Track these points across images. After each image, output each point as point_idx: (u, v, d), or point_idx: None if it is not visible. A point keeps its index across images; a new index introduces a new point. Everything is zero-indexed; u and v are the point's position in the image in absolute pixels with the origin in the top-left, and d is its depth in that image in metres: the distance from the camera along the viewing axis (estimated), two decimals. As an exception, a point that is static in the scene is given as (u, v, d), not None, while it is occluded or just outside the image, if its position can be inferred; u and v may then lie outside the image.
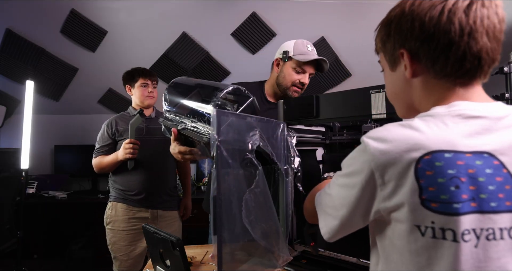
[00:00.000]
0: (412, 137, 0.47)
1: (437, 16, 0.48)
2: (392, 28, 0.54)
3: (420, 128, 0.48)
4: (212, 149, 0.79)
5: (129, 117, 1.76)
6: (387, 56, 0.58)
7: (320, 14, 2.29)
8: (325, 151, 1.57)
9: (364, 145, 0.51)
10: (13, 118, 3.07)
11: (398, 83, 0.58)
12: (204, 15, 2.28)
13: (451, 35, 0.47)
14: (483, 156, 0.46)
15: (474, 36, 0.47)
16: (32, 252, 2.74)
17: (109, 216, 1.68)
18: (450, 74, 0.51)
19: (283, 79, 1.41)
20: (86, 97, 2.97)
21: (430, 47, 0.50)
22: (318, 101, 1.17)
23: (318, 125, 1.47)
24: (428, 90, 0.54)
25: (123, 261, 1.63)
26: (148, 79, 1.77)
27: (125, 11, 2.21)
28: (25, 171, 2.20)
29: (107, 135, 1.72)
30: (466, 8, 0.47)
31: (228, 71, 2.75)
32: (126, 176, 1.69)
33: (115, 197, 1.71)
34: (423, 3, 0.50)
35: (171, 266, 0.96)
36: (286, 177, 1.16)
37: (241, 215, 0.88)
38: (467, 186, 0.45)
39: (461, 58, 0.48)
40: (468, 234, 0.45)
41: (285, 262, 1.08)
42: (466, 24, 0.47)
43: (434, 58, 0.50)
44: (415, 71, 0.53)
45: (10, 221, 2.40)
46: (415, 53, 0.52)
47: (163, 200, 1.73)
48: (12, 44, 2.39)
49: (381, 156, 0.48)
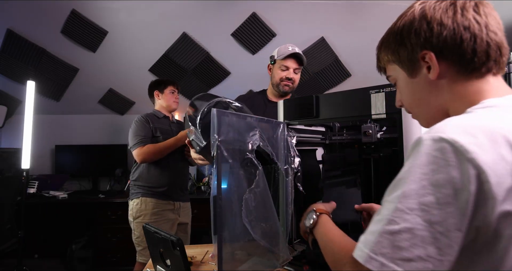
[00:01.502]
0: (495, 126, 0.42)
1: (452, 15, 0.50)
2: (405, 35, 0.54)
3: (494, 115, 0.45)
4: (212, 149, 0.80)
5: (159, 119, 1.99)
6: (403, 64, 0.56)
7: (320, 14, 2.29)
8: (325, 151, 1.57)
9: (452, 144, 0.40)
10: (14, 118, 3.08)
11: (422, 88, 0.55)
12: (204, 15, 2.28)
13: (472, 29, 0.49)
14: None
15: (490, 29, 0.49)
16: (33, 251, 2.75)
17: (139, 210, 1.84)
18: (478, 68, 0.50)
19: (274, 79, 1.64)
20: (86, 98, 2.97)
21: (455, 42, 0.49)
22: (318, 101, 1.17)
23: (318, 125, 1.47)
24: (457, 89, 0.52)
25: None
26: (176, 87, 2.07)
27: (125, 11, 2.22)
28: (26, 171, 2.21)
29: (149, 127, 1.90)
30: (475, 6, 0.50)
31: (228, 72, 2.76)
32: (155, 172, 1.90)
33: (143, 193, 1.87)
34: (434, 6, 0.51)
35: (171, 266, 0.97)
36: (286, 177, 1.16)
37: (241, 214, 0.88)
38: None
39: (486, 49, 0.49)
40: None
41: (285, 262, 1.09)
42: (480, 19, 0.49)
43: (460, 53, 0.50)
44: (442, 72, 0.51)
45: (11, 221, 2.41)
46: (440, 52, 0.51)
47: (183, 194, 2.00)
48: (13, 45, 2.40)
49: (482, 152, 0.39)
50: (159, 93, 2.05)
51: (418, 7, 0.54)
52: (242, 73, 2.77)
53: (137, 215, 1.84)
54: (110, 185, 3.11)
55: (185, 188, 2.06)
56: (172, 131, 1.98)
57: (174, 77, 2.78)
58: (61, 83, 2.77)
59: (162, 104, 2.05)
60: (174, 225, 1.93)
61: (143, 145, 1.84)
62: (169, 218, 1.89)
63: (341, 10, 2.25)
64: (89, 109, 3.11)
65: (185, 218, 2.01)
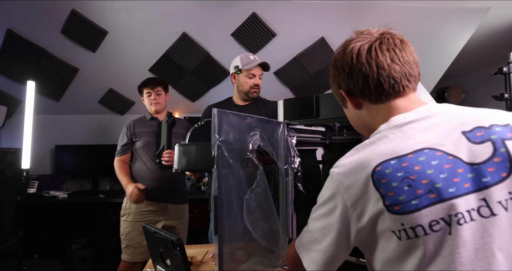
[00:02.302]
0: (364, 156, 0.57)
1: (349, 61, 0.63)
2: (330, 76, 0.70)
3: (369, 147, 0.58)
4: (213, 149, 0.80)
5: (145, 121, 2.01)
6: (336, 97, 0.72)
7: (320, 14, 2.29)
8: (325, 151, 1.57)
9: (331, 174, 0.61)
10: (14, 118, 3.08)
11: (353, 116, 0.71)
12: (204, 15, 2.28)
13: (363, 70, 0.61)
14: (423, 152, 0.53)
15: (380, 65, 0.60)
16: (33, 251, 2.75)
17: (124, 209, 1.91)
18: (378, 97, 0.62)
19: (242, 87, 1.75)
20: (86, 98, 2.97)
21: (354, 83, 0.63)
22: (318, 101, 1.17)
23: (318, 125, 1.47)
24: (373, 114, 0.65)
25: (136, 248, 1.83)
26: (150, 89, 1.98)
27: (125, 11, 2.22)
28: (26, 171, 2.21)
29: (128, 135, 1.97)
30: (368, 49, 0.61)
31: (228, 72, 2.76)
32: (139, 173, 1.92)
33: None
34: (342, 53, 0.65)
35: (171, 266, 0.97)
36: (286, 176, 1.17)
37: (242, 214, 0.88)
38: (419, 182, 0.51)
39: (377, 84, 0.61)
40: (437, 224, 0.49)
41: (285, 262, 1.09)
42: (371, 60, 0.61)
43: (361, 90, 0.63)
44: (357, 104, 0.67)
45: (11, 221, 2.41)
46: (348, 90, 0.66)
47: (173, 195, 1.95)
48: (13, 45, 2.40)
49: (344, 179, 0.57)
50: (142, 97, 2.06)
51: (335, 54, 0.68)
52: (242, 73, 2.77)
53: (123, 213, 1.91)
54: (110, 185, 3.11)
55: (175, 189, 1.98)
56: (154, 134, 1.95)
57: (174, 77, 2.78)
58: (61, 83, 2.77)
59: (146, 107, 2.05)
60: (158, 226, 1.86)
61: (119, 156, 1.97)
62: (152, 219, 1.88)
63: (341, 10, 2.25)
64: (89, 109, 3.11)
65: (172, 221, 1.94)
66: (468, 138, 0.53)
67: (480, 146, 0.51)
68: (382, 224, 0.53)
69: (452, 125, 0.55)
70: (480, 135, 0.52)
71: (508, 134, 0.52)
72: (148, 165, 1.91)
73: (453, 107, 0.59)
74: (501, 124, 0.53)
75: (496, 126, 0.53)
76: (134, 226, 1.85)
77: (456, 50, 2.55)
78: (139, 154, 1.95)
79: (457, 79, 3.54)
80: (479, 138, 0.52)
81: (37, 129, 2.52)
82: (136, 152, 1.97)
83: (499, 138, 0.51)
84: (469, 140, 0.52)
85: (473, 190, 0.49)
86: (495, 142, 0.51)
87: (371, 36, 0.63)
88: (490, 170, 0.50)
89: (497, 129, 0.53)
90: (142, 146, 1.93)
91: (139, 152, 1.94)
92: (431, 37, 2.44)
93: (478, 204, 0.49)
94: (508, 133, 0.52)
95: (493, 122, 0.53)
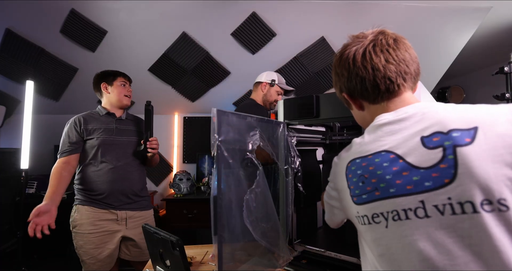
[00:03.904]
0: (348, 152, 0.68)
1: (347, 66, 0.67)
2: (333, 81, 0.75)
3: (354, 145, 0.67)
4: (213, 148, 0.79)
5: (98, 117, 1.73)
6: (341, 100, 0.76)
7: (320, 14, 2.29)
8: (325, 150, 1.57)
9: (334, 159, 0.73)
10: (13, 118, 3.07)
11: (358, 116, 0.76)
12: (204, 15, 2.27)
13: (360, 74, 0.65)
14: (381, 154, 0.60)
15: (376, 67, 0.64)
16: (32, 252, 2.74)
17: (75, 220, 1.63)
18: (376, 98, 0.67)
19: (270, 97, 2.07)
20: (86, 97, 2.96)
21: (353, 86, 0.68)
22: (318, 101, 1.16)
23: (318, 125, 1.47)
24: (372, 114, 0.69)
25: (91, 264, 1.58)
26: (125, 79, 1.81)
27: (125, 11, 2.21)
28: (25, 171, 2.20)
29: (77, 132, 1.67)
30: (362, 53, 0.65)
31: (228, 71, 2.75)
32: (91, 177, 1.64)
33: (80, 199, 1.66)
34: (339, 59, 0.70)
35: (171, 266, 0.96)
36: (286, 177, 1.16)
37: (241, 214, 0.88)
38: (370, 180, 0.59)
39: (374, 85, 0.65)
40: (377, 217, 0.58)
41: (285, 262, 1.08)
42: (367, 64, 0.64)
43: (360, 92, 0.68)
44: (360, 105, 0.71)
45: (10, 221, 2.40)
46: (350, 93, 0.70)
47: (131, 201, 1.69)
48: (12, 44, 2.39)
49: (335, 167, 0.71)
50: (107, 86, 1.76)
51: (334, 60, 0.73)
52: (242, 73, 2.76)
53: (74, 224, 1.62)
54: (110, 185, 3.10)
55: (138, 193, 1.72)
56: (113, 131, 1.69)
57: (173, 77, 2.77)
58: (60, 83, 2.76)
59: (111, 100, 1.76)
60: (116, 237, 1.61)
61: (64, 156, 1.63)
62: (109, 229, 1.61)
63: (341, 10, 2.25)
64: (89, 109, 3.09)
65: (135, 230, 1.66)
66: (423, 143, 0.56)
67: (431, 151, 0.55)
68: (349, 210, 0.65)
69: (416, 129, 0.58)
70: (435, 140, 0.55)
71: (465, 139, 0.52)
72: (103, 166, 1.63)
73: (431, 109, 0.60)
74: (463, 129, 0.54)
75: (455, 131, 0.54)
76: (87, 239, 1.58)
77: (457, 50, 2.55)
78: (91, 154, 1.65)
79: (458, 79, 3.54)
80: (433, 143, 0.55)
81: (36, 129, 2.51)
82: (86, 152, 1.66)
83: (452, 144, 0.53)
84: (424, 145, 0.56)
85: (414, 192, 0.54)
86: (446, 148, 0.53)
87: (365, 39, 0.67)
88: (434, 175, 0.53)
89: (454, 134, 0.54)
90: (97, 144, 1.64)
91: (91, 152, 1.65)
92: (432, 37, 2.43)
93: (416, 205, 0.54)
94: (466, 139, 0.52)
95: (455, 127, 0.54)
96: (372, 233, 0.59)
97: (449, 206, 0.51)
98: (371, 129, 0.65)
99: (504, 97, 1.53)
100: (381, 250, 0.58)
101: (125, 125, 1.77)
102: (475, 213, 0.50)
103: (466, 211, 0.50)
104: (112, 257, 1.63)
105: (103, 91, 1.78)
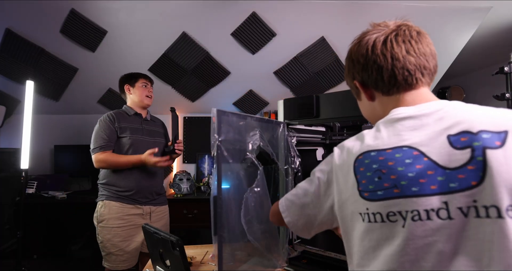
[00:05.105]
0: (355, 144, 0.62)
1: (365, 52, 0.65)
2: (346, 68, 0.72)
3: (363, 137, 0.62)
4: (213, 148, 0.79)
5: (129, 117, 1.84)
6: (351, 89, 0.74)
7: (320, 14, 2.29)
8: (325, 150, 1.57)
9: (334, 150, 0.67)
10: (13, 118, 3.07)
11: (366, 107, 0.73)
12: (204, 15, 2.27)
13: (378, 62, 0.63)
14: (402, 149, 0.56)
15: (395, 57, 0.62)
16: (32, 252, 2.74)
17: (101, 214, 1.73)
18: (391, 88, 0.64)
19: None
20: (86, 97, 2.96)
21: (368, 74, 0.65)
22: (318, 101, 1.16)
23: (318, 125, 1.47)
24: (384, 106, 0.67)
25: (119, 255, 1.70)
26: (147, 80, 1.92)
27: (125, 11, 2.21)
28: (25, 171, 2.20)
29: (113, 128, 1.75)
30: (383, 41, 0.63)
31: (228, 71, 2.75)
32: (121, 174, 1.74)
33: (107, 195, 1.75)
34: (357, 45, 0.67)
35: (171, 266, 0.96)
36: (286, 176, 1.16)
37: (241, 214, 0.87)
38: (388, 176, 0.56)
39: (391, 74, 0.62)
40: (394, 216, 0.55)
41: (285, 262, 1.08)
42: (387, 52, 0.62)
43: (375, 81, 0.65)
44: (370, 95, 0.69)
45: (10, 221, 2.40)
46: (362, 82, 0.68)
47: (154, 198, 1.84)
48: (12, 44, 2.39)
49: (338, 158, 0.64)
50: (130, 88, 1.88)
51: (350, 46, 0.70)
52: (242, 73, 2.76)
53: (101, 219, 1.72)
54: (110, 185, 3.10)
55: (159, 191, 1.88)
56: (143, 131, 1.82)
57: (173, 77, 2.77)
58: (60, 83, 2.76)
59: (134, 100, 1.88)
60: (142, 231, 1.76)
61: (103, 150, 1.71)
62: (136, 223, 1.73)
63: (341, 10, 2.25)
64: (89, 109, 3.10)
65: (157, 223, 1.83)
66: (450, 142, 0.53)
67: (459, 152, 0.52)
68: (352, 205, 0.60)
69: (441, 127, 0.55)
70: (463, 141, 0.52)
71: (495, 142, 0.50)
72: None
73: (455, 107, 0.58)
74: (493, 131, 0.51)
75: (485, 133, 0.52)
76: (115, 233, 1.69)
77: (457, 50, 2.55)
78: (122, 152, 1.75)
79: (458, 79, 3.54)
80: (461, 143, 0.52)
81: (36, 129, 2.52)
82: (118, 149, 1.76)
83: (482, 146, 0.51)
84: (451, 144, 0.53)
85: (438, 192, 0.52)
86: (475, 149, 0.51)
87: (387, 28, 0.64)
88: (460, 176, 0.51)
89: (484, 136, 0.51)
90: (130, 143, 1.75)
91: (123, 150, 1.75)
92: (432, 37, 2.41)
93: (439, 206, 0.52)
94: (496, 142, 0.50)
95: (484, 128, 0.52)
96: (382, 232, 0.56)
97: (474, 208, 0.50)
98: (387, 122, 0.62)
99: (504, 97, 1.53)
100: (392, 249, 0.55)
101: (151, 126, 1.91)
102: (499, 218, 0.48)
103: (491, 215, 0.49)
104: (138, 250, 1.77)
105: (126, 92, 1.91)
